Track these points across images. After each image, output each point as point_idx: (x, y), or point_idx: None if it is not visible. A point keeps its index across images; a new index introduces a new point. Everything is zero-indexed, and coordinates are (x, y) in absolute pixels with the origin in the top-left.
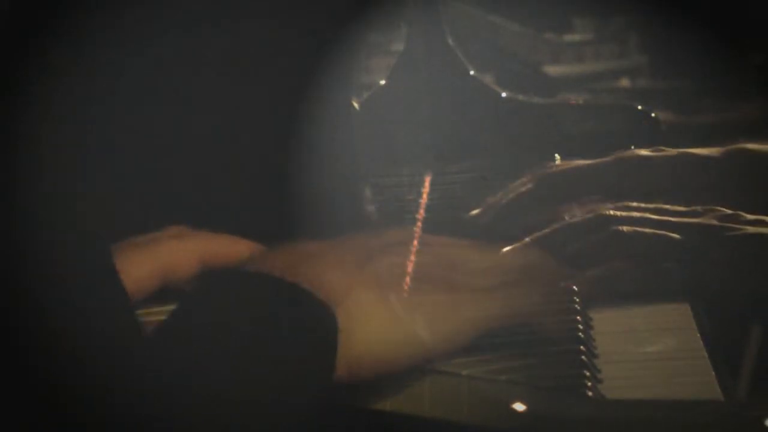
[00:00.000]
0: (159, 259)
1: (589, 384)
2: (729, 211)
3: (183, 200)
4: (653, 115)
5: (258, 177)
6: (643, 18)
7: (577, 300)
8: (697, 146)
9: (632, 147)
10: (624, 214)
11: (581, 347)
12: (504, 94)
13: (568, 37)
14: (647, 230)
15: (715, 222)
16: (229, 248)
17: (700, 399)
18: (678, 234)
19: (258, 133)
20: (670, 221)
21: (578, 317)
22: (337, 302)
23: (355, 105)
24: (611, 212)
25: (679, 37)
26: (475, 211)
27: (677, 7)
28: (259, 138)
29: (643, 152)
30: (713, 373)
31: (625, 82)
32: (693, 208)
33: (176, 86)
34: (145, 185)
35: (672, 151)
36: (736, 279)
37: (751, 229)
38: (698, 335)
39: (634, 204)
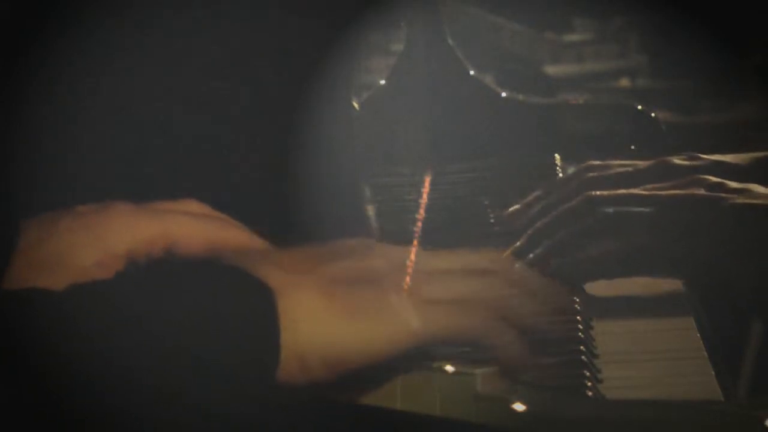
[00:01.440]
0: (168, 228)
1: (589, 384)
2: (714, 179)
3: (180, 197)
4: (653, 115)
5: (257, 177)
6: (643, 18)
7: (577, 300)
8: (704, 147)
9: (632, 147)
10: (609, 194)
11: (581, 347)
12: (504, 94)
13: (568, 37)
14: (634, 209)
15: (700, 193)
16: (240, 240)
17: (700, 399)
18: (665, 209)
19: (257, 132)
20: (657, 195)
21: (578, 317)
22: (280, 296)
23: (355, 105)
24: (596, 194)
25: (679, 37)
26: (512, 209)
27: (677, 7)
28: (259, 138)
29: (677, 160)
30: (713, 373)
31: (625, 82)
32: (677, 181)
33: (175, 86)
34: (144, 185)
35: (708, 159)
36: (726, 250)
37: (738, 198)
38: (698, 335)
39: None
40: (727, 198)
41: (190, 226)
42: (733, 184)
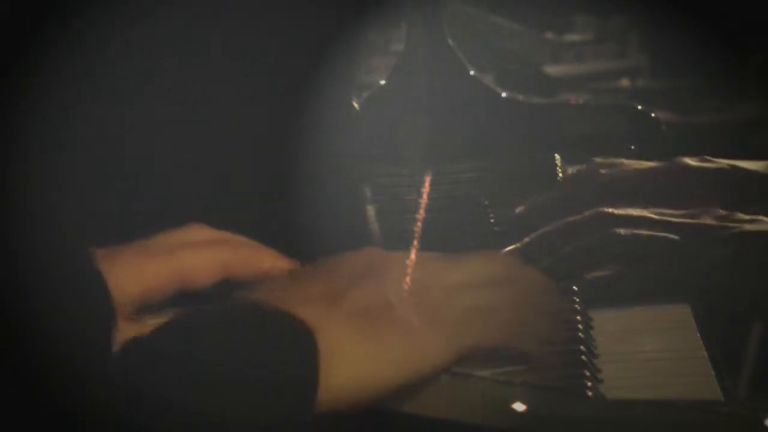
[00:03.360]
0: (179, 264)
1: (589, 384)
2: (724, 212)
3: (182, 200)
4: (653, 115)
5: (257, 177)
6: (643, 18)
7: (577, 300)
8: (705, 147)
9: (632, 147)
10: (621, 213)
11: (581, 347)
12: (504, 94)
13: (568, 37)
14: (644, 231)
15: (711, 221)
16: (250, 258)
17: (700, 399)
18: (675, 234)
19: (258, 132)
20: (668, 221)
21: (578, 317)
22: (317, 334)
23: (355, 105)
24: (609, 211)
25: (679, 37)
26: (519, 209)
27: (677, 7)
28: (259, 138)
29: (691, 161)
30: (713, 373)
31: (625, 82)
32: (690, 210)
33: (176, 86)
34: (144, 185)
35: (720, 162)
36: (734, 278)
37: (747, 226)
38: (698, 335)
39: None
40: (735, 226)
41: (199, 259)
42: (743, 216)
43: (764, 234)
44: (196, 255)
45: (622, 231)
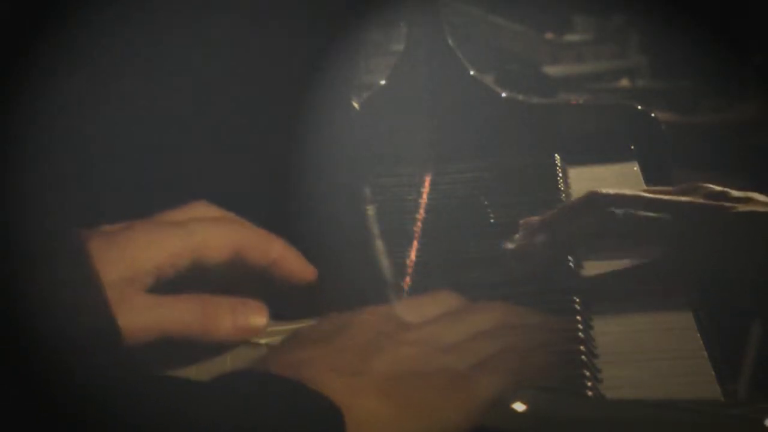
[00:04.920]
0: (192, 238)
1: (589, 384)
2: (718, 188)
3: (182, 199)
4: (653, 115)
5: (257, 177)
6: (643, 18)
7: (577, 300)
8: (705, 147)
9: (631, 147)
10: (614, 193)
11: (581, 347)
12: (504, 94)
13: (568, 37)
14: (639, 212)
15: (703, 201)
16: (261, 243)
17: (700, 399)
18: (668, 213)
19: (258, 132)
20: (660, 200)
21: (578, 317)
22: (346, 408)
23: (355, 105)
24: (602, 192)
25: (679, 37)
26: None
27: (677, 7)
28: (259, 137)
29: (717, 188)
30: (713, 373)
31: (625, 82)
32: (681, 186)
33: (176, 86)
34: (145, 184)
35: (738, 194)
36: (727, 259)
37: (741, 207)
38: (698, 335)
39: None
40: (730, 206)
41: (212, 234)
42: (735, 193)
43: (759, 216)
44: (209, 230)
45: (616, 210)
